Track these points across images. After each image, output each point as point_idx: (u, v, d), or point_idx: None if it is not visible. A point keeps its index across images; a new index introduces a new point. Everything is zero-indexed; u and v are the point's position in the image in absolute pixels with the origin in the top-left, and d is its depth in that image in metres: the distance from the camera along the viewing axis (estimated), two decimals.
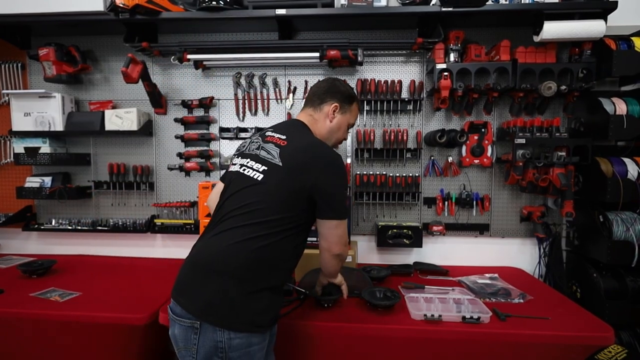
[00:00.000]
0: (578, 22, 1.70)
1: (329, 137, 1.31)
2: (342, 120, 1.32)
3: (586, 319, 1.41)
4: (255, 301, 1.06)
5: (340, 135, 1.35)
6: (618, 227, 1.71)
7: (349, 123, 1.35)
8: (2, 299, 1.56)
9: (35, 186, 2.11)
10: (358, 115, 1.40)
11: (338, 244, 1.20)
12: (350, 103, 1.33)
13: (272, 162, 1.14)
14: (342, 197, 1.18)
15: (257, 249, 1.06)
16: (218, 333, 1.02)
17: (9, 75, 2.19)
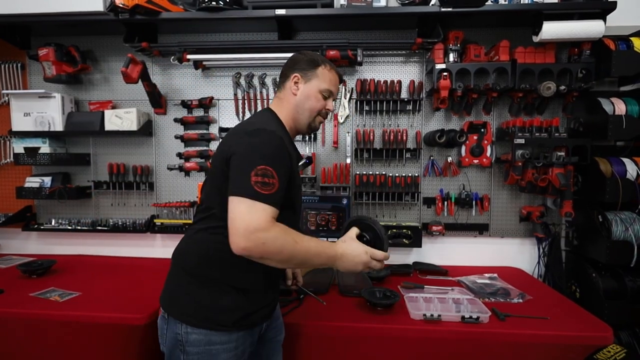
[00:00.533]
0: (577, 23, 1.70)
1: (299, 112, 1.17)
2: (308, 88, 1.16)
3: (585, 319, 1.41)
4: (214, 298, 1.04)
5: (313, 104, 1.16)
6: (617, 227, 1.71)
7: (319, 90, 1.16)
8: (1, 298, 1.56)
9: (35, 186, 2.11)
10: (334, 79, 1.20)
11: (236, 235, 0.91)
12: (314, 67, 1.17)
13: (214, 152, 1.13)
14: (248, 168, 0.94)
15: (209, 243, 1.05)
16: (178, 325, 1.04)
17: (8, 76, 2.19)
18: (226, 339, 1.04)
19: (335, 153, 2.09)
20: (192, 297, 1.04)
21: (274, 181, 0.95)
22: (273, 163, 0.97)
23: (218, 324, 1.03)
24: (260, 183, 0.93)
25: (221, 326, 1.03)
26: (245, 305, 1.06)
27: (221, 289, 1.04)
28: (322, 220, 1.84)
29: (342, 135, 2.09)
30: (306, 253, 0.97)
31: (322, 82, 1.17)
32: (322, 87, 1.17)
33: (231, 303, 1.04)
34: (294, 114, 1.17)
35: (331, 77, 1.19)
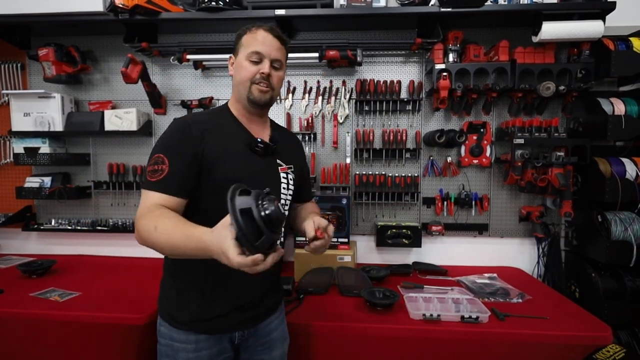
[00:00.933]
0: (577, 23, 1.71)
1: (237, 89, 1.10)
2: (237, 62, 1.09)
3: (585, 319, 1.41)
4: (174, 295, 1.08)
5: (243, 74, 1.06)
6: (616, 227, 1.71)
7: (246, 56, 1.06)
8: (1, 298, 1.56)
9: (35, 186, 2.11)
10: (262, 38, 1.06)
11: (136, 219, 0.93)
12: (239, 39, 1.09)
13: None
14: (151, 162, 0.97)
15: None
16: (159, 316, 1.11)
17: (8, 76, 2.19)
18: (184, 338, 1.05)
19: (335, 153, 2.10)
20: (164, 292, 1.11)
21: (164, 167, 0.95)
22: (166, 150, 0.98)
23: (175, 320, 1.06)
24: (151, 172, 0.97)
25: (178, 324, 1.06)
26: (198, 308, 1.05)
27: (180, 287, 1.08)
28: None
29: (342, 135, 2.09)
30: (170, 241, 0.86)
31: (247, 47, 1.06)
32: (247, 52, 1.06)
33: (187, 302, 1.06)
34: (235, 94, 1.12)
35: (257, 38, 1.06)
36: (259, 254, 0.73)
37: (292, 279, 1.71)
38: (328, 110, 2.07)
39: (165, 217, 0.89)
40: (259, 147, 1.08)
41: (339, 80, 2.07)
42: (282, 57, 1.11)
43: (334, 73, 2.07)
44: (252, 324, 1.12)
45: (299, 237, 1.85)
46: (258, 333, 1.14)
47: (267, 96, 1.08)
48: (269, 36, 1.07)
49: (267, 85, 1.07)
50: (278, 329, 1.20)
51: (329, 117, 2.07)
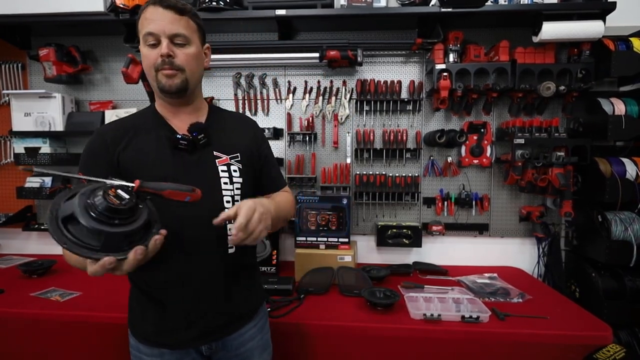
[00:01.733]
0: (577, 23, 1.71)
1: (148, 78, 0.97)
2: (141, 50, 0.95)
3: (585, 319, 1.42)
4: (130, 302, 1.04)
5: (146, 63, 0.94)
6: (617, 227, 1.71)
7: (143, 42, 0.93)
8: (2, 298, 1.57)
9: (36, 186, 2.11)
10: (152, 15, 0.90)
11: None
12: (137, 27, 0.95)
13: None
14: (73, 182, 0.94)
15: None
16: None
17: (9, 76, 2.19)
18: (149, 352, 0.99)
19: (335, 153, 2.10)
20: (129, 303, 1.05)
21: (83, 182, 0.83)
22: (83, 166, 0.96)
23: (138, 333, 1.01)
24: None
25: (140, 337, 1.00)
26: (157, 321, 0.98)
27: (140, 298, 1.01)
28: (322, 220, 1.85)
29: (342, 135, 2.09)
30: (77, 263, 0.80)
31: (142, 30, 0.92)
32: (142, 35, 0.92)
33: (146, 315, 1.00)
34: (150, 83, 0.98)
35: (146, 17, 0.91)
36: (106, 258, 0.66)
37: (292, 279, 1.71)
38: (328, 110, 2.07)
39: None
40: (181, 143, 0.95)
41: (339, 80, 2.07)
42: (184, 29, 0.92)
43: (334, 73, 2.07)
44: (217, 336, 1.01)
45: (299, 237, 1.85)
46: (227, 346, 1.03)
47: (177, 81, 0.93)
48: (158, 9, 0.90)
49: (171, 68, 0.91)
50: (255, 338, 1.07)
51: (330, 117, 2.08)
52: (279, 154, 2.11)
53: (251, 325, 1.07)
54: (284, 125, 2.10)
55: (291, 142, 2.10)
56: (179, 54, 0.92)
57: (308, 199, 1.86)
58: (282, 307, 1.47)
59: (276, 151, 2.12)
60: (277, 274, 1.88)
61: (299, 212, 1.85)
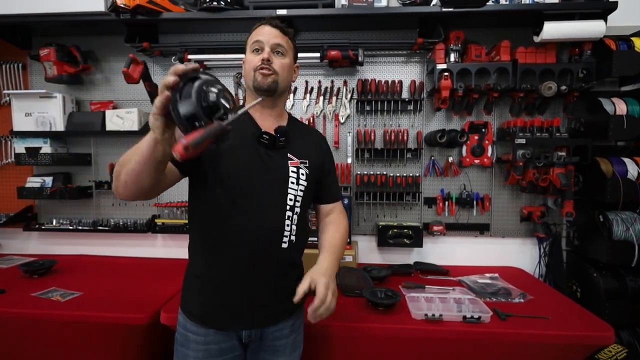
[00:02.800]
0: (578, 23, 1.71)
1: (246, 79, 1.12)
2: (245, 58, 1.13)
3: (586, 319, 1.41)
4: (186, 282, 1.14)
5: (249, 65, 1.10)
6: (618, 227, 1.71)
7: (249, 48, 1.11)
8: (3, 298, 1.56)
9: (36, 186, 2.11)
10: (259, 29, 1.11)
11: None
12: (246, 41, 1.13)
13: None
14: None
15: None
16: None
17: (9, 76, 2.19)
18: (196, 330, 1.07)
19: (336, 153, 2.09)
20: (185, 282, 1.14)
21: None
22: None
23: (188, 311, 1.09)
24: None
25: (190, 315, 1.09)
26: (207, 302, 1.08)
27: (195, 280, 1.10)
28: None
29: (343, 135, 2.09)
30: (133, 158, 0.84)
31: (250, 41, 1.12)
32: (249, 44, 1.11)
33: (199, 296, 1.09)
34: (247, 89, 1.15)
35: (257, 32, 1.11)
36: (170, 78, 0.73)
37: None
38: (329, 110, 2.07)
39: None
40: (264, 139, 1.07)
41: (340, 80, 2.07)
42: (284, 43, 1.10)
43: (335, 73, 2.07)
44: (259, 325, 1.10)
45: None
46: (265, 336, 1.12)
47: (270, 80, 1.07)
48: (267, 27, 1.10)
49: (268, 69, 1.07)
50: (289, 337, 1.15)
51: (330, 117, 2.07)
52: None
53: (290, 322, 1.15)
54: None
55: None
56: (276, 61, 1.08)
57: None
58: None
59: None
60: None
61: None
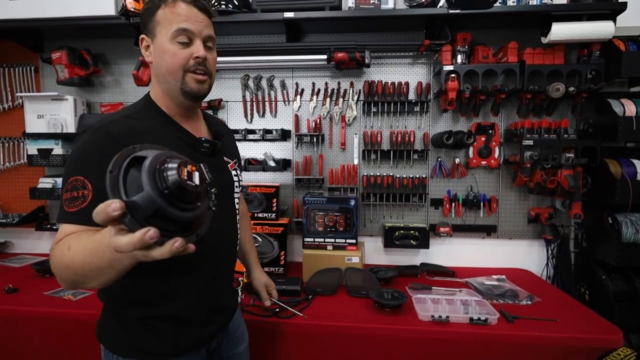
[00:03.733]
0: (587, 24, 1.69)
1: (162, 80, 0.90)
2: (157, 45, 0.88)
3: (595, 321, 1.41)
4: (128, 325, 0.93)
5: (170, 61, 0.87)
6: (627, 229, 1.70)
7: (169, 37, 0.86)
8: (16, 297, 1.60)
9: (48, 187, 2.14)
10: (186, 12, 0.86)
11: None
12: (151, 14, 0.87)
13: None
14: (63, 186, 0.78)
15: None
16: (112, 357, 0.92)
17: (22, 78, 2.23)
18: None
19: (342, 154, 2.10)
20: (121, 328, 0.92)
21: (86, 192, 0.75)
22: (85, 168, 0.76)
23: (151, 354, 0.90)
24: (68, 200, 0.76)
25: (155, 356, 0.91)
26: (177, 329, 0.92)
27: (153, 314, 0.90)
28: (330, 221, 1.85)
29: (350, 137, 2.10)
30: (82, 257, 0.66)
31: (169, 25, 0.85)
32: (171, 31, 0.85)
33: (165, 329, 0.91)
34: (162, 86, 0.90)
35: (179, 12, 0.85)
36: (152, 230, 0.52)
37: (300, 280, 1.72)
38: (336, 112, 2.08)
39: (81, 235, 0.71)
40: (204, 147, 0.90)
41: (346, 82, 2.08)
42: (213, 33, 0.92)
43: (341, 75, 2.08)
44: (225, 325, 1.06)
45: (307, 238, 1.86)
46: (228, 333, 1.09)
47: (206, 86, 0.90)
48: (194, 10, 0.86)
49: (204, 72, 0.88)
50: (241, 322, 1.19)
51: (337, 118, 2.08)
52: (287, 156, 2.13)
53: (238, 311, 1.19)
54: (291, 127, 2.12)
55: (299, 144, 2.11)
56: (210, 58, 0.90)
57: (316, 200, 1.87)
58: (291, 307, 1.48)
59: (284, 152, 2.14)
60: (285, 275, 1.90)
61: (306, 213, 1.86)
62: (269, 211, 1.95)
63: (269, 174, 2.15)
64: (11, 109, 2.26)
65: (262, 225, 1.93)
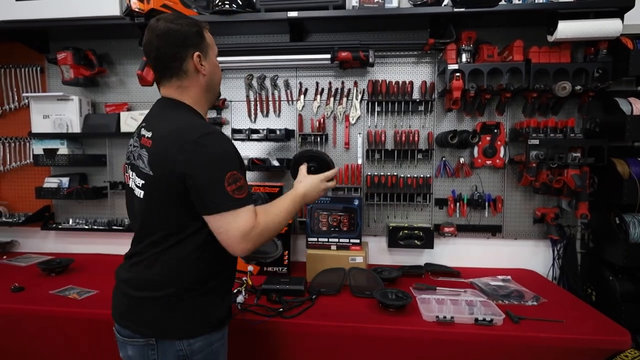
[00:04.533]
0: (593, 21, 1.68)
1: (211, 89, 1.13)
2: (210, 61, 1.09)
3: (602, 323, 1.39)
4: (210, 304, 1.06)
5: (219, 74, 1.17)
6: (635, 229, 1.68)
7: (216, 55, 1.14)
8: (22, 296, 1.61)
9: (54, 186, 2.16)
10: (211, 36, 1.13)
11: (235, 242, 0.96)
12: (202, 37, 1.06)
13: (145, 172, 0.99)
14: (219, 182, 0.94)
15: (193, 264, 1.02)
16: (177, 344, 1.01)
17: (28, 79, 2.25)
18: (221, 334, 1.10)
19: (346, 154, 2.10)
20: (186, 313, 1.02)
21: (243, 181, 0.98)
22: (234, 164, 0.98)
23: (213, 325, 1.06)
24: (236, 190, 0.95)
25: (218, 324, 1.08)
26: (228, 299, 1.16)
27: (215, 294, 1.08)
28: (334, 221, 1.85)
29: (354, 136, 2.09)
30: (285, 215, 1.09)
31: (214, 48, 1.12)
32: (216, 51, 1.13)
33: (223, 302, 1.12)
34: (206, 95, 1.12)
35: (211, 36, 1.13)
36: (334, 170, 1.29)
37: (304, 279, 1.72)
38: (340, 112, 2.07)
39: (266, 208, 1.06)
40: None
41: (350, 81, 2.07)
42: None
43: (345, 74, 2.07)
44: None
45: (311, 238, 1.86)
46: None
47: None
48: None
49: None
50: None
51: (341, 118, 2.08)
52: (291, 156, 2.12)
53: None
54: (295, 127, 2.12)
55: (302, 143, 2.11)
56: None
57: (319, 200, 1.86)
58: (294, 308, 1.48)
59: (288, 152, 2.14)
60: (289, 275, 1.89)
61: (310, 213, 1.86)
62: None
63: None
64: (17, 109, 2.28)
65: None
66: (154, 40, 1.01)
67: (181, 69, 1.04)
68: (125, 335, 1.05)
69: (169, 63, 1.03)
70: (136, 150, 1.05)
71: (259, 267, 1.90)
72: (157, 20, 1.03)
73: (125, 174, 1.13)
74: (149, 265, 1.04)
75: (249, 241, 0.97)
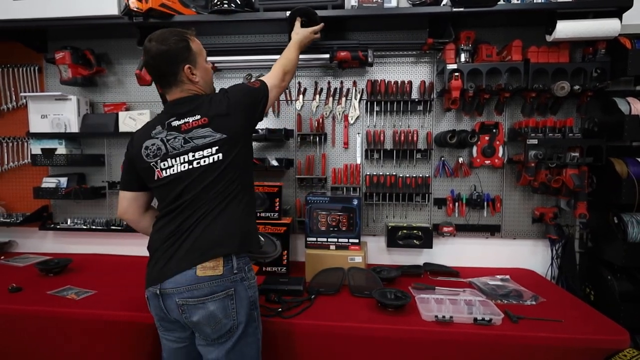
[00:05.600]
0: (592, 21, 1.68)
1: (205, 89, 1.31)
2: (201, 67, 1.27)
3: (600, 322, 1.39)
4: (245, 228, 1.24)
5: (210, 75, 1.34)
6: (633, 229, 1.68)
7: (205, 59, 1.31)
8: (20, 296, 1.61)
9: (52, 186, 2.15)
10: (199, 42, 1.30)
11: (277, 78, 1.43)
12: (190, 50, 1.24)
13: (216, 139, 1.19)
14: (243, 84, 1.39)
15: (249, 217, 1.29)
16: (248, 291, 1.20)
17: (26, 78, 2.24)
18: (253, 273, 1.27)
19: (345, 153, 2.10)
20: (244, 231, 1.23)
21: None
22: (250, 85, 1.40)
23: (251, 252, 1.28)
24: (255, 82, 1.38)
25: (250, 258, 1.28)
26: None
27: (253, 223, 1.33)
28: (333, 220, 1.85)
29: (353, 136, 2.09)
30: (292, 56, 1.54)
31: (201, 52, 1.29)
32: (205, 56, 1.31)
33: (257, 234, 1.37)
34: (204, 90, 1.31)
35: (199, 42, 1.29)
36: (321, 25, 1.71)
37: (303, 279, 1.72)
38: (339, 111, 2.07)
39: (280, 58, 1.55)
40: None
41: (349, 81, 2.07)
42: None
43: (344, 74, 2.07)
44: None
45: (310, 238, 1.86)
46: None
47: None
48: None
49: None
50: None
51: (340, 117, 2.08)
52: (290, 155, 2.12)
53: None
54: (294, 126, 2.11)
55: (301, 143, 2.11)
56: None
57: (318, 200, 1.86)
58: (293, 308, 1.48)
59: (286, 152, 2.13)
60: (288, 274, 1.89)
61: (309, 212, 1.86)
62: (271, 210, 1.94)
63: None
64: (15, 108, 2.27)
65: (264, 225, 1.92)
66: (151, 61, 1.21)
67: (177, 79, 1.23)
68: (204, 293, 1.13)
69: (167, 78, 1.24)
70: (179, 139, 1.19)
71: (258, 267, 1.90)
72: (149, 41, 1.20)
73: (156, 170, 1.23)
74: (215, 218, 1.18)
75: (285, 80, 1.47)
